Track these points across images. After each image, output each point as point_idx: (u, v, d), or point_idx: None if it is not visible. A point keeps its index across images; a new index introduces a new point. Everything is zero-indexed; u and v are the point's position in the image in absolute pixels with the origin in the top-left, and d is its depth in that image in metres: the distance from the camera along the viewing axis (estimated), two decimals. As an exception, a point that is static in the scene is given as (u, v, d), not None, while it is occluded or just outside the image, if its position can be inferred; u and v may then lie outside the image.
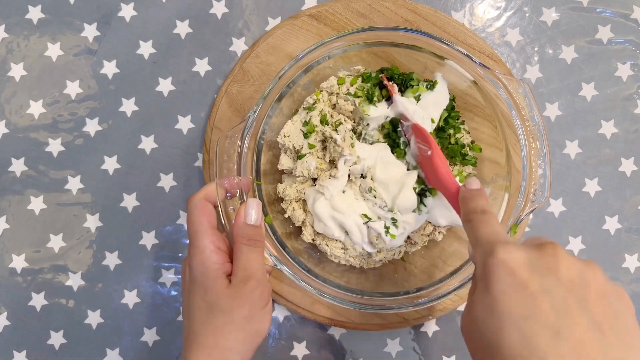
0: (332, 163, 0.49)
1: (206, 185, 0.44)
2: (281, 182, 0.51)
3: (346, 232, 0.49)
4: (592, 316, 0.30)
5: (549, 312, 0.30)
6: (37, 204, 0.55)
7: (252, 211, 0.43)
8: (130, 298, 0.55)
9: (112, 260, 0.55)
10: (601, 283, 0.32)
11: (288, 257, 0.47)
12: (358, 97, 0.49)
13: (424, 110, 0.48)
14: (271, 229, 0.48)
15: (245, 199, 0.45)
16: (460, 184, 0.42)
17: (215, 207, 0.44)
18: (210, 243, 0.41)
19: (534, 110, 0.44)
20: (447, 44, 0.45)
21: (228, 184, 0.44)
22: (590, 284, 0.31)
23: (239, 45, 0.56)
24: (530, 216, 0.55)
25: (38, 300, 0.55)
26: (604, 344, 0.30)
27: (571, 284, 0.31)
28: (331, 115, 0.49)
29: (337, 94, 0.50)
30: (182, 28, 0.57)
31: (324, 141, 0.49)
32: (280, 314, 0.54)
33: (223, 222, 0.44)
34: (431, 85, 0.49)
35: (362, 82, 0.50)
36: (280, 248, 0.47)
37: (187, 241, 0.55)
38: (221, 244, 0.42)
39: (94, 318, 0.54)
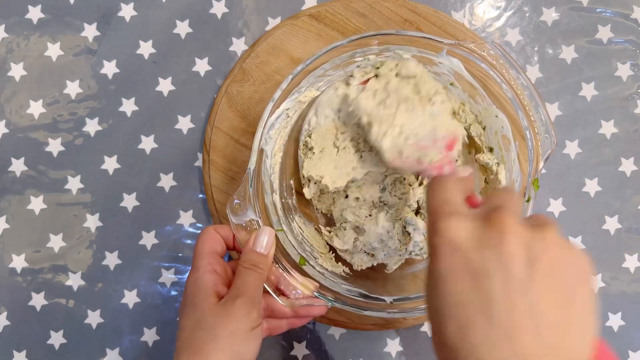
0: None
1: (221, 225, 0.44)
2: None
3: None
4: (534, 297, 0.27)
5: (486, 296, 0.27)
6: (37, 204, 0.55)
7: (263, 239, 0.42)
8: (130, 298, 0.55)
9: (112, 260, 0.55)
10: (552, 255, 0.28)
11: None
12: None
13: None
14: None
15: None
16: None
17: (225, 239, 0.44)
18: (207, 264, 0.41)
19: (514, 67, 0.44)
20: (402, 34, 0.45)
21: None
22: (536, 257, 0.28)
23: (239, 45, 0.56)
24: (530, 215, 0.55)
25: (38, 300, 0.55)
26: (541, 328, 0.27)
27: (513, 259, 0.27)
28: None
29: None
30: (182, 28, 0.57)
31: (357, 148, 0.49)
32: (280, 314, 0.55)
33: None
34: None
35: None
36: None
37: (187, 241, 0.55)
38: (219, 267, 0.42)
39: (93, 318, 0.54)
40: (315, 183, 0.51)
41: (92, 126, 0.56)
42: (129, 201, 0.55)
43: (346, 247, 0.50)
